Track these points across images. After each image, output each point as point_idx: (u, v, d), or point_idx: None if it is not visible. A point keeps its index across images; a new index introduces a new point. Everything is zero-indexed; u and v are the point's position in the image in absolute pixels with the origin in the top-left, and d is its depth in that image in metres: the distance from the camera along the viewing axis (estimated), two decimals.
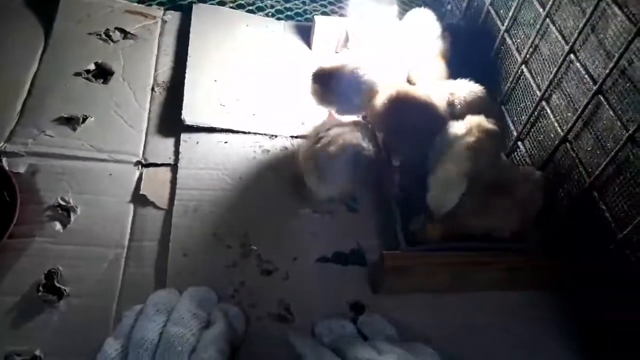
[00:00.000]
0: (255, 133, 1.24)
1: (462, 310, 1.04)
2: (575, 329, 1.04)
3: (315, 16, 1.48)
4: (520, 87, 1.28)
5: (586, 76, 1.06)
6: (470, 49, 1.41)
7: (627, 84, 0.97)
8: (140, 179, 1.12)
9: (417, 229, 1.04)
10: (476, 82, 1.23)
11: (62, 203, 1.05)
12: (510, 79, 1.30)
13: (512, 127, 1.29)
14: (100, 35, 1.38)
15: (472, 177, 1.01)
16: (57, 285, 0.94)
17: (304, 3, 1.65)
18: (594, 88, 1.03)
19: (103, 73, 1.30)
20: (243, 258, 1.03)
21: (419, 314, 1.01)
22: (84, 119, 1.19)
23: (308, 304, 0.99)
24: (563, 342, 1.03)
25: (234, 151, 1.19)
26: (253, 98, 1.31)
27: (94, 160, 1.13)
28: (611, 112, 1.00)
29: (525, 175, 1.01)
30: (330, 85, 1.15)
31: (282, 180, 1.17)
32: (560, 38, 1.13)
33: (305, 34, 1.52)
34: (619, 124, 0.98)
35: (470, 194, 1.01)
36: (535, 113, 1.21)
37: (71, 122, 1.18)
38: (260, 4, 1.60)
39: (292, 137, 1.26)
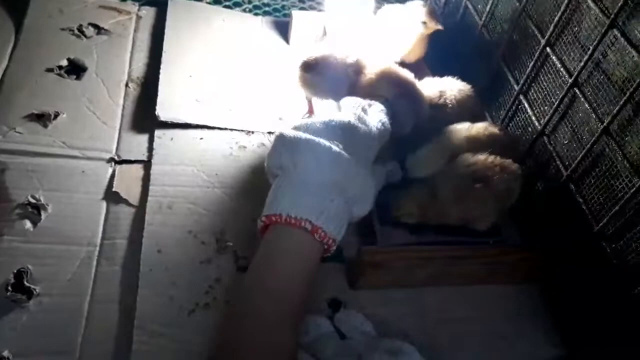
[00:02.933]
0: (231, 129, 1.22)
1: (440, 305, 1.03)
2: (554, 322, 1.04)
3: (292, 11, 1.46)
4: (499, 82, 1.28)
5: (562, 69, 1.06)
6: (449, 45, 1.41)
7: (602, 77, 0.97)
8: (113, 176, 1.10)
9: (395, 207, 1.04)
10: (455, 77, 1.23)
11: (33, 201, 1.02)
12: (488, 74, 1.30)
13: (491, 122, 1.29)
14: (73, 30, 1.35)
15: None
16: (27, 284, 0.92)
17: None
18: (570, 81, 1.03)
19: (76, 69, 1.28)
20: (219, 254, 1.02)
21: (397, 309, 1.00)
22: (56, 116, 1.16)
23: None
24: (542, 335, 1.03)
25: (210, 147, 1.17)
26: (229, 94, 1.29)
27: (65, 157, 1.11)
28: (587, 105, 1.00)
29: (502, 166, 1.00)
30: (319, 71, 1.13)
31: (259, 176, 1.15)
32: (536, 32, 1.13)
33: (283, 29, 1.50)
34: (594, 116, 0.98)
35: (449, 182, 1.01)
36: (513, 107, 1.21)
37: (42, 118, 1.15)
38: (238, 0, 1.58)
39: (269, 133, 1.24)
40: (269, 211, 0.84)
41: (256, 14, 1.56)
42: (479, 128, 1.09)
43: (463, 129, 1.09)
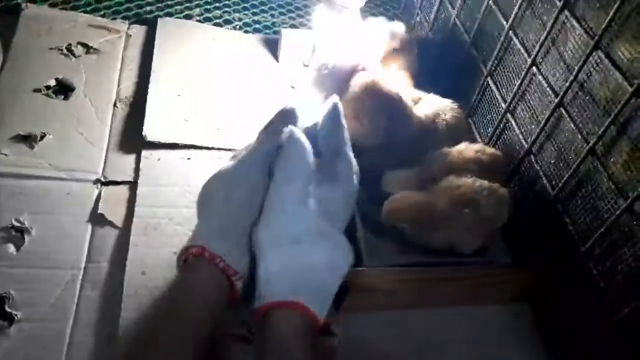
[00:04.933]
0: (219, 148, 1.22)
1: (428, 326, 1.02)
2: (544, 343, 1.03)
3: (282, 29, 1.46)
4: (486, 99, 1.28)
5: (548, 89, 1.06)
6: (438, 62, 1.41)
7: (587, 97, 0.97)
8: (99, 197, 1.09)
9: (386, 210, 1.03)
10: (441, 95, 1.23)
11: (16, 224, 1.01)
12: (477, 91, 1.30)
13: (478, 139, 1.29)
14: (62, 50, 1.35)
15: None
16: (8, 310, 0.91)
17: (272, 16, 1.64)
18: (555, 101, 1.03)
19: (64, 89, 1.28)
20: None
21: (382, 331, 0.99)
22: (42, 137, 1.16)
23: None
24: (532, 356, 1.02)
25: (197, 167, 1.17)
26: (218, 113, 1.29)
27: (51, 179, 1.10)
28: (572, 125, 0.99)
29: (491, 190, 0.99)
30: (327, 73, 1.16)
31: None
32: (523, 51, 1.13)
33: (273, 47, 1.50)
34: (580, 136, 0.98)
35: (435, 207, 1.00)
36: (501, 125, 1.21)
37: (29, 140, 1.15)
38: (228, 17, 1.59)
39: None
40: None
41: (246, 32, 1.57)
42: (462, 149, 1.08)
43: (446, 149, 1.09)
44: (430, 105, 1.18)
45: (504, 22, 1.19)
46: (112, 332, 0.91)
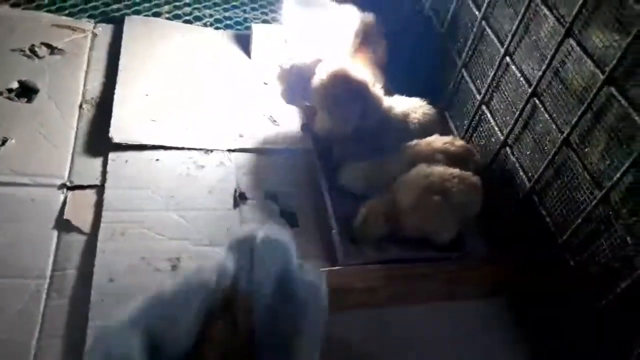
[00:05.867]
0: (189, 148, 1.19)
1: (406, 324, 1.00)
2: (523, 335, 1.01)
3: (253, 24, 1.43)
4: (462, 91, 1.26)
5: (522, 79, 1.04)
6: (411, 54, 1.39)
7: (560, 86, 0.95)
8: (64, 203, 1.06)
9: (357, 226, 1.02)
10: (417, 87, 1.22)
11: None
12: (451, 84, 1.28)
13: (455, 132, 1.27)
14: (24, 51, 1.31)
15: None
16: None
17: (243, 11, 1.60)
18: (529, 90, 1.01)
19: (27, 91, 1.23)
20: (174, 281, 0.98)
21: (361, 330, 0.97)
22: (4, 142, 1.12)
23: None
24: (512, 349, 1.00)
25: (166, 168, 1.14)
26: (187, 111, 1.25)
27: (14, 185, 1.06)
28: (546, 115, 0.98)
29: (461, 178, 0.98)
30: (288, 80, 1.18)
31: (218, 196, 1.12)
32: (496, 41, 1.11)
33: (245, 42, 1.47)
34: (554, 126, 0.96)
35: (407, 192, 0.99)
36: (476, 117, 1.19)
37: None
38: (198, 14, 1.55)
39: (229, 150, 1.21)
40: None
41: (217, 28, 1.53)
42: (431, 140, 1.07)
43: (415, 141, 1.08)
44: (401, 105, 1.17)
45: (477, 12, 1.17)
46: (80, 341, 0.88)
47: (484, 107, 1.16)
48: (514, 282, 1.03)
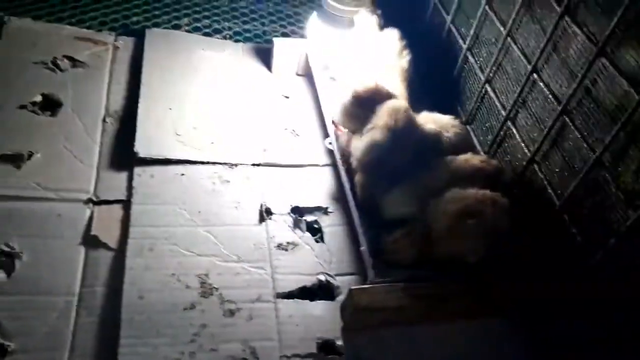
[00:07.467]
0: (214, 163, 1.19)
1: (436, 342, 1.00)
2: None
3: (274, 38, 1.43)
4: (485, 107, 1.26)
5: (550, 96, 1.04)
6: (433, 69, 1.39)
7: (592, 105, 0.95)
8: (91, 218, 1.05)
9: (387, 247, 1.01)
10: (438, 101, 1.21)
11: (6, 249, 0.97)
12: (475, 99, 1.28)
13: (478, 147, 1.27)
14: (47, 64, 1.31)
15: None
16: (0, 341, 0.87)
17: (262, 24, 1.60)
18: (559, 108, 1.01)
19: (50, 105, 1.23)
20: (203, 298, 0.98)
21: (391, 349, 0.97)
22: (30, 156, 1.11)
23: (274, 346, 0.94)
24: None
25: (192, 183, 1.14)
26: (211, 126, 1.25)
27: (40, 200, 1.06)
28: (577, 133, 0.98)
29: (493, 200, 0.98)
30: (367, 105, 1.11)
31: (244, 212, 1.12)
32: (522, 57, 1.11)
33: (265, 55, 1.47)
34: (585, 145, 0.96)
35: (441, 219, 0.99)
36: (502, 133, 1.19)
37: (15, 159, 1.10)
38: (217, 26, 1.55)
39: (254, 165, 1.21)
40: None
41: (237, 41, 1.53)
42: (468, 157, 1.07)
43: (451, 157, 1.08)
44: (431, 123, 1.16)
45: (502, 28, 1.17)
46: None
47: (509, 123, 1.16)
48: (540, 300, 1.02)
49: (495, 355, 1.01)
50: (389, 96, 1.13)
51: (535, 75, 1.08)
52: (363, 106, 1.11)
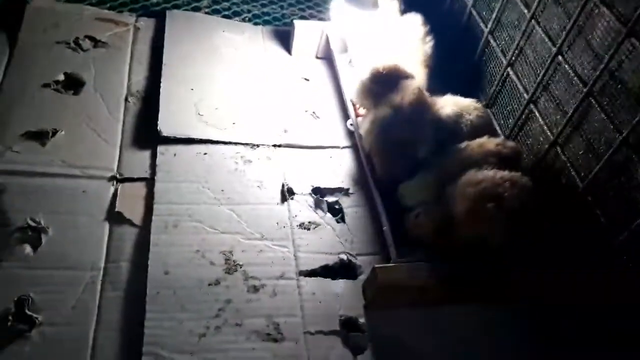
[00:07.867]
0: (235, 143, 1.19)
1: (455, 324, 1.00)
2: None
3: (294, 20, 1.43)
4: (507, 90, 1.25)
5: (575, 78, 1.03)
6: (454, 52, 1.38)
7: (618, 86, 0.94)
8: (115, 195, 1.06)
9: (410, 222, 1.03)
10: (459, 85, 1.21)
11: (32, 224, 0.98)
12: (496, 82, 1.27)
13: (499, 131, 1.27)
14: (69, 44, 1.31)
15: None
16: (29, 313, 0.88)
17: (281, 7, 1.60)
18: (584, 90, 1.00)
19: (73, 84, 1.24)
20: (228, 274, 0.98)
21: (411, 329, 0.97)
22: (54, 133, 1.12)
23: (298, 322, 0.94)
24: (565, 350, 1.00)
25: (214, 163, 1.14)
26: (232, 106, 1.26)
27: (65, 177, 1.07)
28: (603, 115, 0.97)
29: (512, 181, 0.96)
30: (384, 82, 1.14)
31: (266, 191, 1.12)
32: (546, 39, 1.11)
33: (284, 38, 1.47)
34: (611, 126, 0.95)
35: (459, 203, 0.98)
36: (523, 116, 1.19)
37: (40, 136, 1.11)
38: (237, 9, 1.55)
39: (274, 145, 1.21)
40: None
41: (256, 23, 1.53)
42: (483, 142, 1.06)
43: (465, 143, 1.07)
44: (452, 105, 1.16)
45: (525, 11, 1.16)
46: (137, 334, 0.88)
47: (531, 106, 1.16)
48: (561, 288, 1.02)
49: (510, 341, 1.01)
50: (407, 77, 1.13)
51: (560, 58, 1.07)
52: (381, 83, 1.12)
